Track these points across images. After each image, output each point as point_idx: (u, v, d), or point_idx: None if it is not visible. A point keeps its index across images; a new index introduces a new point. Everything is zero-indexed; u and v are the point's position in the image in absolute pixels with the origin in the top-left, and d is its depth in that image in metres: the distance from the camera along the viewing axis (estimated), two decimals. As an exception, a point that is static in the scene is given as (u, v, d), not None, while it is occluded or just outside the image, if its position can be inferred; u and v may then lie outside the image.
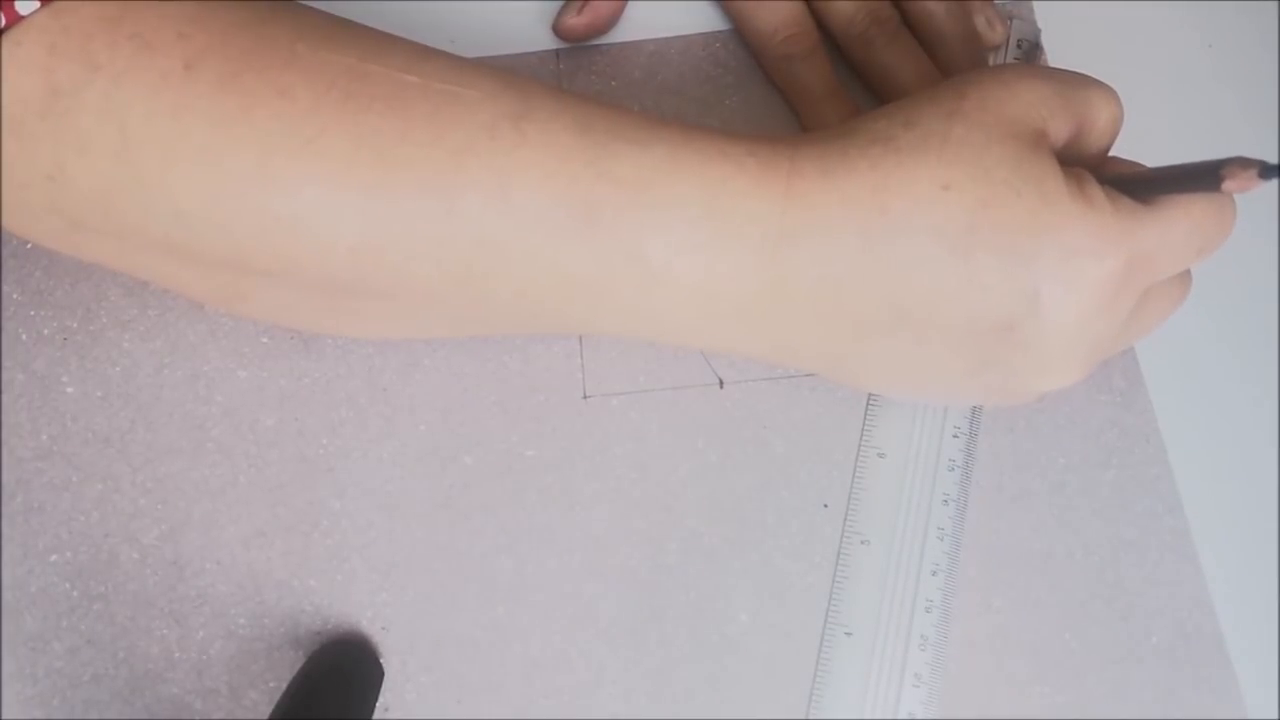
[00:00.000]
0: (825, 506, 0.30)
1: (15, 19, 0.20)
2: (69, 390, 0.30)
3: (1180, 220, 0.23)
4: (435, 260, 0.23)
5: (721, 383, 0.31)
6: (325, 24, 0.23)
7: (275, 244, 0.22)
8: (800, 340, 0.25)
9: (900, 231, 0.22)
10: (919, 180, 0.22)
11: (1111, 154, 0.26)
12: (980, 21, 0.32)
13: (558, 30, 0.32)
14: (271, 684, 0.29)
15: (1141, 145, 0.27)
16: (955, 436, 0.31)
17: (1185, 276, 0.26)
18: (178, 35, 0.21)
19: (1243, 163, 0.20)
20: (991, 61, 0.33)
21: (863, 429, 0.31)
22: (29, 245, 0.31)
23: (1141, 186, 0.23)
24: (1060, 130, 0.24)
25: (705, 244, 0.23)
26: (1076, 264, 0.22)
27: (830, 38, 0.32)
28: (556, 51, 0.33)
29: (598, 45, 0.33)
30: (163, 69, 0.21)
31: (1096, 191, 0.22)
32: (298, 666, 0.28)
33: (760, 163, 0.23)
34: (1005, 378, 0.24)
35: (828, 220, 0.23)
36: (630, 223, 0.23)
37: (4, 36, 0.20)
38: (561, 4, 0.32)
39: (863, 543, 0.30)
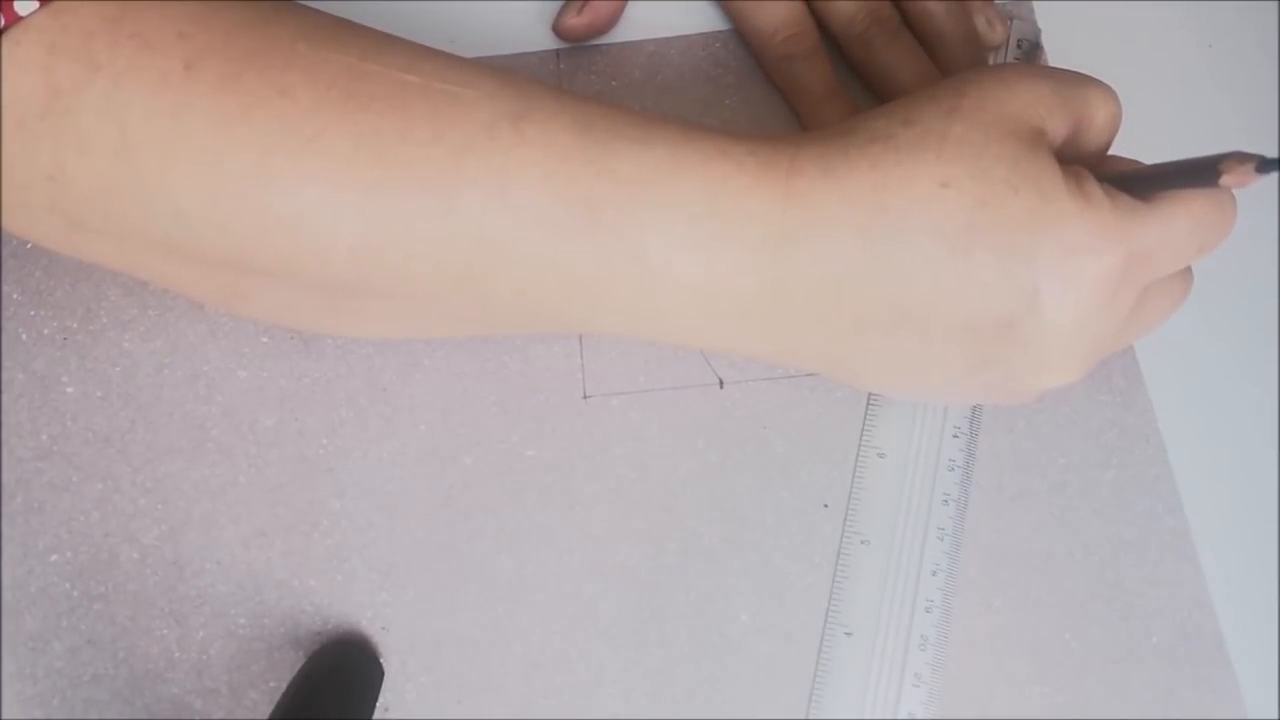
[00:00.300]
0: (825, 506, 0.30)
1: (15, 19, 0.20)
2: (69, 390, 0.30)
3: (1180, 217, 0.23)
4: (435, 260, 0.23)
5: (721, 383, 0.31)
6: (326, 24, 0.23)
7: (276, 244, 0.22)
8: (801, 340, 0.25)
9: (899, 230, 0.22)
10: (918, 178, 0.22)
11: (1111, 153, 0.26)
12: (980, 21, 0.32)
13: (558, 30, 0.32)
14: (271, 684, 0.29)
15: (1141, 146, 0.27)
16: (955, 436, 0.31)
17: (1186, 275, 0.26)
18: (178, 35, 0.21)
19: (1240, 157, 0.20)
20: (991, 61, 0.33)
21: (863, 429, 0.31)
22: (29, 245, 0.31)
23: (1141, 183, 0.23)
24: (1058, 128, 0.24)
25: (705, 243, 0.23)
26: (1075, 261, 0.22)
27: (830, 38, 0.32)
28: (556, 51, 0.33)
29: (598, 45, 0.33)
30: (163, 69, 0.21)
31: (1095, 189, 0.22)
32: (298, 666, 0.28)
33: (760, 162, 0.23)
34: (1006, 376, 0.24)
35: (827, 219, 0.23)
36: (630, 222, 0.23)
37: (3, 36, 0.20)
38: (561, 4, 0.32)
39: (863, 543, 0.30)
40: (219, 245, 0.22)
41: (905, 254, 0.23)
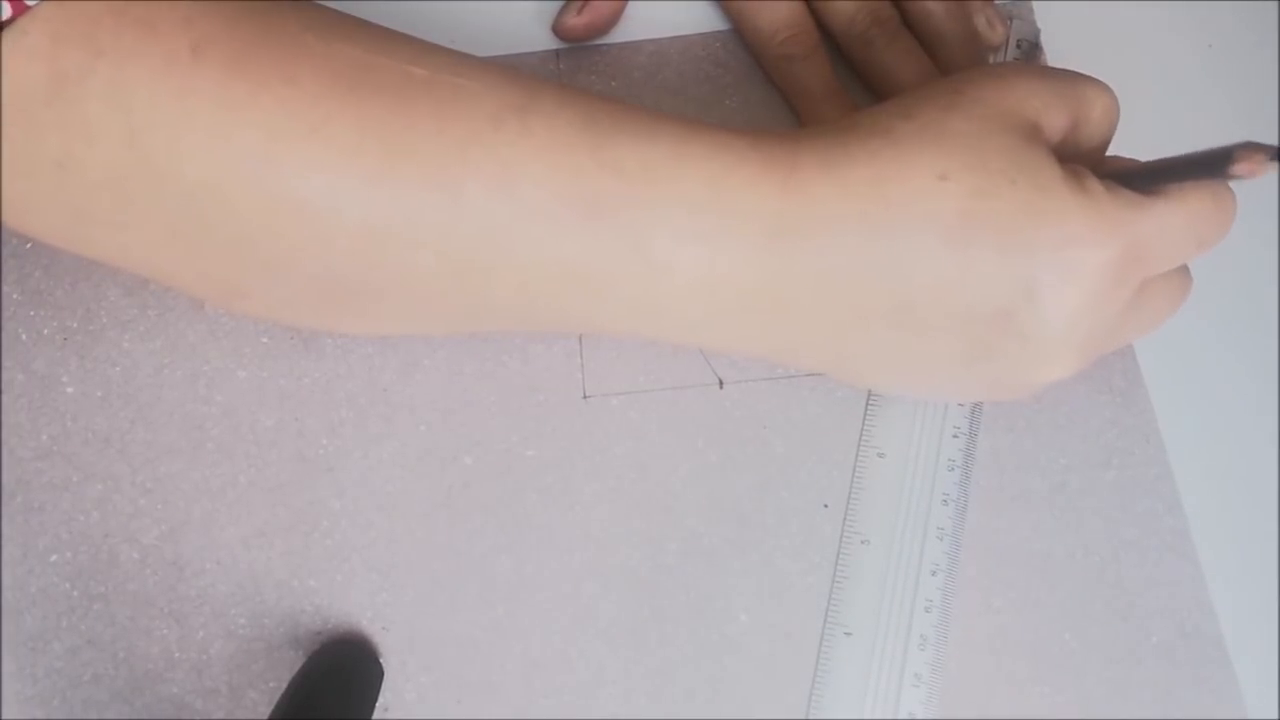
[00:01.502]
0: (825, 506, 0.30)
1: (21, 9, 0.20)
2: (69, 390, 0.30)
3: (1179, 210, 0.23)
4: (437, 251, 0.23)
5: (721, 383, 0.31)
6: (333, 18, 0.23)
7: (280, 229, 0.22)
8: (801, 335, 0.25)
9: (899, 222, 0.23)
10: (917, 172, 0.22)
11: (1111, 153, 0.26)
12: (980, 21, 0.32)
13: (558, 30, 0.32)
14: (271, 684, 0.29)
15: (1141, 146, 0.27)
16: (955, 436, 0.31)
17: (1185, 275, 0.26)
18: (184, 20, 0.21)
19: (1254, 147, 0.20)
20: (991, 61, 0.33)
21: (863, 429, 0.31)
22: (29, 245, 0.31)
23: (1147, 178, 0.23)
24: (1056, 124, 0.24)
25: (707, 236, 0.23)
26: (1073, 252, 0.22)
27: (830, 38, 0.32)
28: (556, 51, 0.33)
29: (598, 45, 0.33)
30: (168, 53, 0.21)
31: (1094, 183, 0.23)
32: (298, 666, 0.28)
33: (762, 156, 0.23)
34: (1003, 369, 0.24)
35: (828, 212, 0.23)
36: (634, 215, 0.23)
37: (9, 27, 0.20)
38: (561, 4, 0.32)
39: (863, 543, 0.30)
40: (224, 230, 0.22)
41: (905, 246, 0.23)
